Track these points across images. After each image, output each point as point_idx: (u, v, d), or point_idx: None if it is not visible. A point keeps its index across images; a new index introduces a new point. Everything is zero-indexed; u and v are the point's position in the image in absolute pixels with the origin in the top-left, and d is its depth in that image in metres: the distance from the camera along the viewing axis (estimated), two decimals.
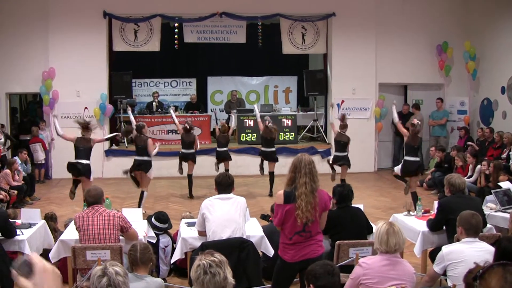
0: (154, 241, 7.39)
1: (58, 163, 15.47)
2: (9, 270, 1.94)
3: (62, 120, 15.37)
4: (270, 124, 13.06)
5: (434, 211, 7.54)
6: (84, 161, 10.46)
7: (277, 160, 13.17)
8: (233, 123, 14.60)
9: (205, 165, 14.25)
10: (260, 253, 6.80)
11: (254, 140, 16.07)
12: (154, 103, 17.29)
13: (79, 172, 10.48)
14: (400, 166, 11.00)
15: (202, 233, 6.47)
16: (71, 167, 10.57)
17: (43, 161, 15.14)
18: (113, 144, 16.09)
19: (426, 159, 16.53)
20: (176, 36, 16.42)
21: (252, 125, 16.34)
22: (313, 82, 17.00)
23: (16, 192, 11.56)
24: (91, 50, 15.59)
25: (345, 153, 12.82)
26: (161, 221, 7.81)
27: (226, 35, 16.86)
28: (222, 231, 6.22)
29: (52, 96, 15.40)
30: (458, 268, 5.20)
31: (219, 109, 18.97)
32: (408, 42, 16.67)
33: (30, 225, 7.27)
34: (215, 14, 16.01)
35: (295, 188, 5.35)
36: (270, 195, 12.87)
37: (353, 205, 7.03)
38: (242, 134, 16.40)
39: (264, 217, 8.60)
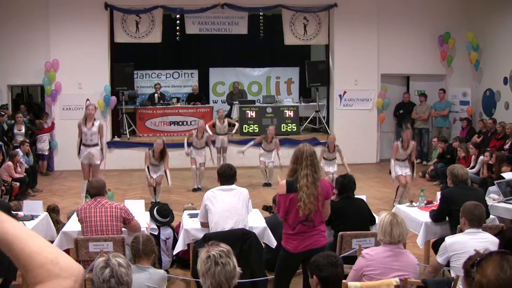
0: (156, 233, 7.40)
1: (60, 155, 15.51)
2: (11, 262, 1.89)
3: (63, 112, 15.46)
4: None
5: (437, 202, 7.54)
6: None
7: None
8: (235, 114, 14.60)
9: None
10: (263, 245, 6.80)
11: (257, 131, 16.02)
12: (156, 95, 17.25)
13: None
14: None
15: (205, 224, 6.46)
16: None
17: (46, 153, 15.09)
18: (115, 136, 16.08)
19: (428, 150, 16.54)
20: (177, 27, 16.43)
21: (254, 116, 16.33)
22: (315, 73, 16.96)
23: (18, 184, 11.57)
24: (92, 42, 15.54)
25: None
26: (162, 216, 7.80)
27: (227, 26, 16.81)
28: (224, 222, 6.21)
29: (55, 88, 15.38)
30: (461, 259, 5.18)
31: (221, 100, 18.95)
32: (410, 32, 16.60)
33: (32, 217, 7.27)
34: (217, 5, 15.95)
35: (297, 179, 5.35)
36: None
37: (355, 196, 7.02)
38: (244, 125, 16.37)
39: (266, 208, 8.57)
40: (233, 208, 6.29)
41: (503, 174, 9.82)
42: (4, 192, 10.74)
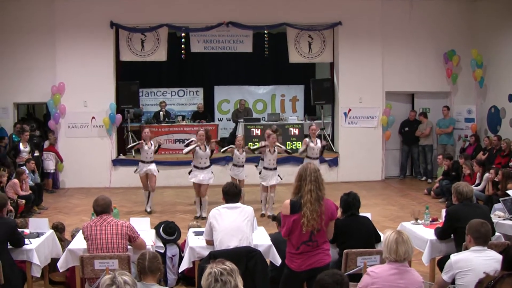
0: (162, 251, 7.41)
1: (66, 173, 15.54)
2: (18, 279, 1.92)
3: (69, 130, 15.51)
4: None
5: (442, 220, 7.53)
6: None
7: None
8: (240, 132, 14.54)
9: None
10: (268, 262, 6.79)
11: None
12: (161, 113, 17.31)
13: None
14: None
15: (210, 242, 6.47)
16: None
17: (53, 171, 15.14)
18: (120, 154, 16.11)
19: (433, 167, 16.50)
20: (183, 45, 16.48)
21: (259, 134, 16.33)
22: (320, 91, 17.02)
23: (24, 201, 11.61)
24: (98, 60, 15.64)
25: None
26: (168, 234, 7.83)
27: (232, 44, 16.90)
28: (229, 240, 6.22)
29: (59, 110, 15.45)
30: (466, 276, 5.19)
31: (226, 118, 18.99)
32: (414, 50, 16.67)
33: (38, 235, 7.29)
34: (222, 24, 16.05)
35: (301, 196, 5.36)
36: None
37: (360, 213, 7.01)
38: (249, 143, 16.36)
39: (274, 218, 8.56)
40: (238, 226, 6.29)
41: (508, 191, 9.80)
42: (11, 211, 10.77)
